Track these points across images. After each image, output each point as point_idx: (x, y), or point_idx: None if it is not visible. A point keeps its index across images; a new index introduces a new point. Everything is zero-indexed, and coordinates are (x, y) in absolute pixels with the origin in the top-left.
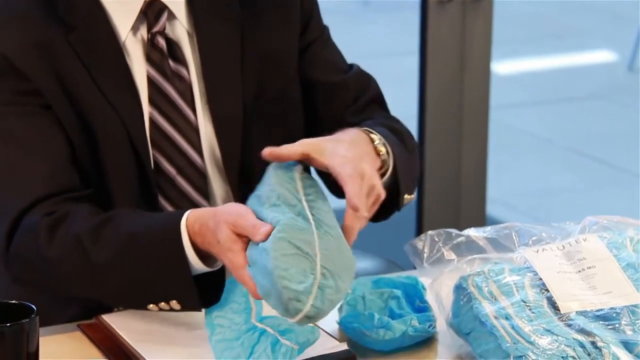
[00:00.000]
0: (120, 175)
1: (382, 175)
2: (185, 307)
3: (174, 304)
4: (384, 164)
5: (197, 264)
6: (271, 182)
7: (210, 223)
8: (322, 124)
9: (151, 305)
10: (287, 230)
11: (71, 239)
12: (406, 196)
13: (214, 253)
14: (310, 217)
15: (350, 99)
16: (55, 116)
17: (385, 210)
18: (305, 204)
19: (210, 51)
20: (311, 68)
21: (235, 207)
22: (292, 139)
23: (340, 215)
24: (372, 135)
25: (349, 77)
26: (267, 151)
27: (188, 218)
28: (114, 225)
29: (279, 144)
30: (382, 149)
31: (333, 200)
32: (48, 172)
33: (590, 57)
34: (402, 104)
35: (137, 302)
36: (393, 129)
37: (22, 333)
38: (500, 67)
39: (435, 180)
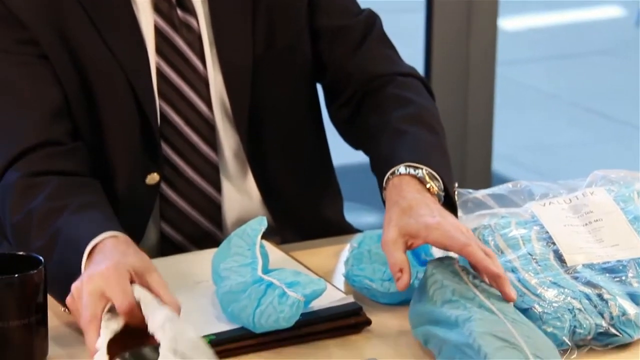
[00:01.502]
0: (120, 129)
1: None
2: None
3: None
4: (439, 198)
5: None
6: (437, 279)
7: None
8: (327, 70)
9: (64, 309)
10: (485, 325)
11: (26, 213)
12: (455, 190)
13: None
14: (492, 307)
15: (355, 41)
16: (51, 67)
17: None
18: (480, 295)
19: (219, 0)
20: (318, 13)
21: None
22: (301, 89)
23: None
24: (419, 175)
25: (357, 20)
26: (402, 285)
27: (95, 246)
28: (58, 217)
29: (288, 93)
30: (434, 187)
31: None
32: (37, 121)
33: (597, 13)
34: (408, 61)
35: (56, 297)
36: (421, 120)
37: (30, 284)
38: (507, 22)
39: None
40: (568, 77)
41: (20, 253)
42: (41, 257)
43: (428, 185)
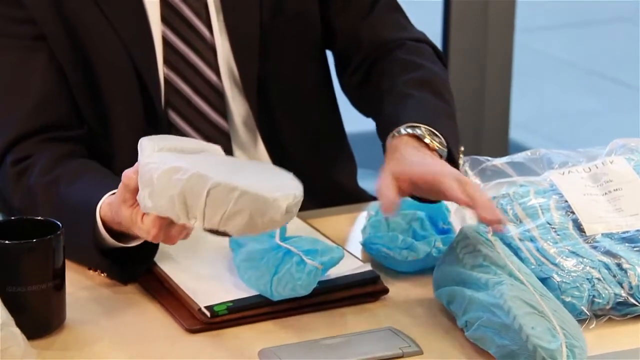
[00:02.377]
0: (123, 103)
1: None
2: (112, 278)
3: (104, 275)
4: (440, 154)
5: (113, 243)
6: (469, 243)
7: (110, 213)
8: (337, 37)
9: (91, 270)
10: (515, 291)
11: (27, 191)
12: (462, 157)
13: (124, 230)
14: (523, 278)
15: (365, 7)
16: (48, 48)
17: None
18: (511, 265)
19: None
20: None
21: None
22: (311, 56)
23: None
24: (418, 133)
25: None
26: (388, 212)
27: (102, 205)
28: (57, 187)
29: (296, 60)
30: (434, 142)
31: None
32: (32, 107)
33: None
34: (426, 27)
35: (81, 263)
36: (429, 85)
37: (48, 249)
38: None
39: (458, 104)
40: (586, 44)
41: (39, 218)
42: (59, 223)
43: (427, 140)
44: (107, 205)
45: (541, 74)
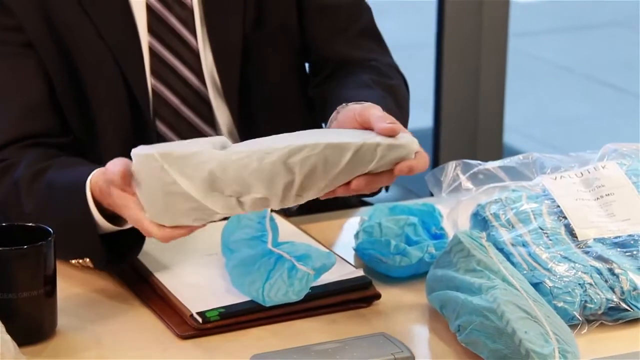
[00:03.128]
0: (110, 113)
1: None
2: (97, 266)
3: (88, 261)
4: None
5: (104, 224)
6: (463, 248)
7: (103, 185)
8: (311, 48)
9: (73, 261)
10: (509, 296)
11: (11, 187)
12: None
13: (117, 212)
14: (516, 284)
15: (340, 24)
16: (36, 55)
17: None
18: (505, 271)
19: None
20: None
21: (117, 162)
22: (292, 67)
23: None
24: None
25: (346, 3)
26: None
27: (92, 178)
28: (44, 175)
29: (278, 70)
30: None
31: None
32: (17, 116)
33: None
34: (420, 31)
35: (61, 255)
36: (392, 91)
37: (39, 255)
38: None
39: (453, 109)
40: (581, 49)
41: (30, 224)
42: (50, 229)
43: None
44: (96, 180)
45: (535, 79)
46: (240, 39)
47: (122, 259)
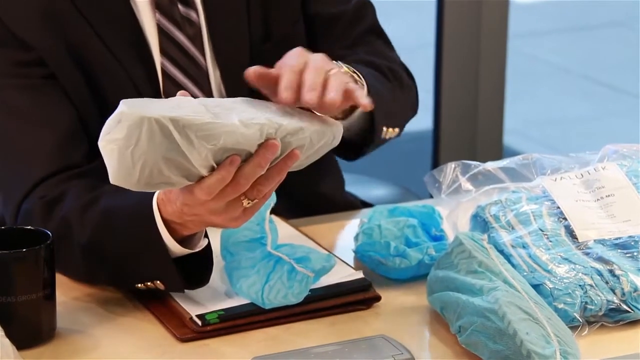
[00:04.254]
0: None
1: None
2: (169, 288)
3: (158, 284)
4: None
5: (174, 246)
6: (465, 249)
7: (163, 196)
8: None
9: (139, 285)
10: (510, 297)
11: (60, 221)
12: (388, 130)
13: (188, 222)
14: (517, 286)
15: (346, 28)
16: (59, 87)
17: (363, 144)
18: (506, 272)
19: None
20: (311, 1)
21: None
22: None
23: None
24: (339, 62)
25: (349, 7)
26: (252, 74)
27: (158, 195)
28: (97, 204)
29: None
30: (348, 70)
31: None
32: (50, 149)
33: None
34: (419, 33)
35: (123, 282)
36: (370, 64)
37: (38, 258)
38: None
39: (452, 110)
40: (580, 49)
41: (29, 227)
42: (49, 232)
43: (340, 63)
44: (162, 200)
45: (535, 80)
46: (247, 55)
47: (196, 282)
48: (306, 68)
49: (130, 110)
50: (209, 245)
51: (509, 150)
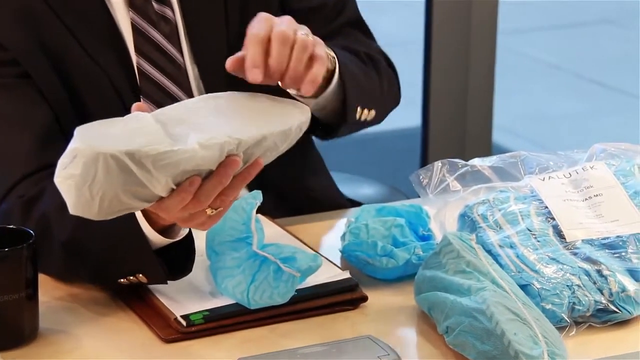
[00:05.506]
0: None
1: (329, 80)
2: (152, 280)
3: (141, 277)
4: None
5: (153, 236)
6: (453, 249)
7: None
8: None
9: (122, 280)
10: (498, 297)
11: (39, 219)
12: (363, 111)
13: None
14: (505, 286)
15: (326, 21)
16: (35, 86)
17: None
18: (494, 273)
19: None
20: None
21: None
22: None
23: None
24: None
25: (327, 0)
26: (230, 63)
27: None
28: None
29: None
30: (326, 51)
31: None
32: (27, 149)
33: None
34: (408, 29)
35: (105, 278)
36: (348, 49)
37: (20, 258)
38: None
39: (441, 107)
40: (570, 47)
41: (11, 227)
42: (31, 231)
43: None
44: None
45: (524, 77)
46: (225, 51)
47: (178, 273)
48: (272, 38)
49: (84, 146)
50: (190, 233)
51: (498, 147)
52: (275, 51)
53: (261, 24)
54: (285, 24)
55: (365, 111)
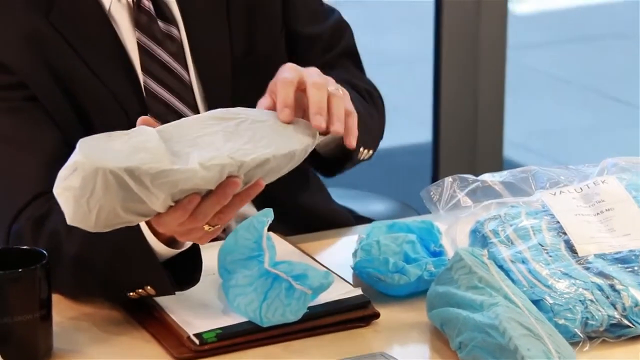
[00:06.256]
0: None
1: None
2: (159, 292)
3: (149, 289)
4: None
5: (159, 247)
6: (465, 264)
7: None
8: None
9: (131, 294)
10: (511, 313)
11: (49, 235)
12: (364, 150)
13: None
14: (518, 302)
15: (322, 51)
16: (43, 108)
17: (340, 163)
18: (506, 289)
19: (192, 7)
20: (291, 16)
21: None
22: None
23: None
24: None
25: (326, 27)
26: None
27: None
28: None
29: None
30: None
31: None
32: (36, 171)
33: None
34: (418, 45)
35: (113, 292)
36: (353, 86)
37: (34, 278)
38: (518, 6)
39: (452, 123)
40: (580, 61)
41: (24, 247)
42: (44, 251)
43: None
44: None
45: (535, 91)
46: (229, 69)
47: (185, 283)
48: (307, 84)
49: (85, 160)
50: (196, 244)
51: (509, 162)
52: (312, 95)
53: (291, 72)
54: (315, 74)
55: (365, 151)
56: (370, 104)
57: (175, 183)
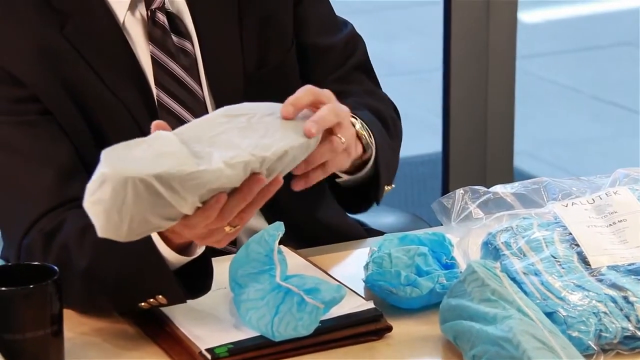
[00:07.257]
0: None
1: (364, 164)
2: (171, 301)
3: (160, 299)
4: (365, 149)
5: (169, 254)
6: (478, 277)
7: None
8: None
9: (142, 304)
10: (525, 326)
11: (60, 248)
12: (386, 187)
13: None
14: (531, 314)
15: (336, 62)
16: (55, 121)
17: (364, 200)
18: (520, 301)
19: (205, 20)
20: (302, 28)
21: None
22: None
23: None
24: (352, 120)
25: (339, 40)
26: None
27: None
28: (93, 228)
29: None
30: (364, 133)
31: None
32: (49, 186)
33: (618, 4)
34: (427, 55)
35: (124, 303)
36: (377, 113)
37: (45, 294)
38: (527, 15)
39: (462, 133)
40: (590, 70)
41: (35, 263)
42: (55, 268)
43: (357, 127)
44: None
45: (545, 101)
46: (241, 83)
47: (197, 291)
48: (325, 104)
49: (112, 171)
50: (206, 251)
51: (519, 172)
52: (323, 109)
53: (316, 90)
54: (338, 105)
55: (387, 187)
56: (392, 132)
57: (203, 184)
